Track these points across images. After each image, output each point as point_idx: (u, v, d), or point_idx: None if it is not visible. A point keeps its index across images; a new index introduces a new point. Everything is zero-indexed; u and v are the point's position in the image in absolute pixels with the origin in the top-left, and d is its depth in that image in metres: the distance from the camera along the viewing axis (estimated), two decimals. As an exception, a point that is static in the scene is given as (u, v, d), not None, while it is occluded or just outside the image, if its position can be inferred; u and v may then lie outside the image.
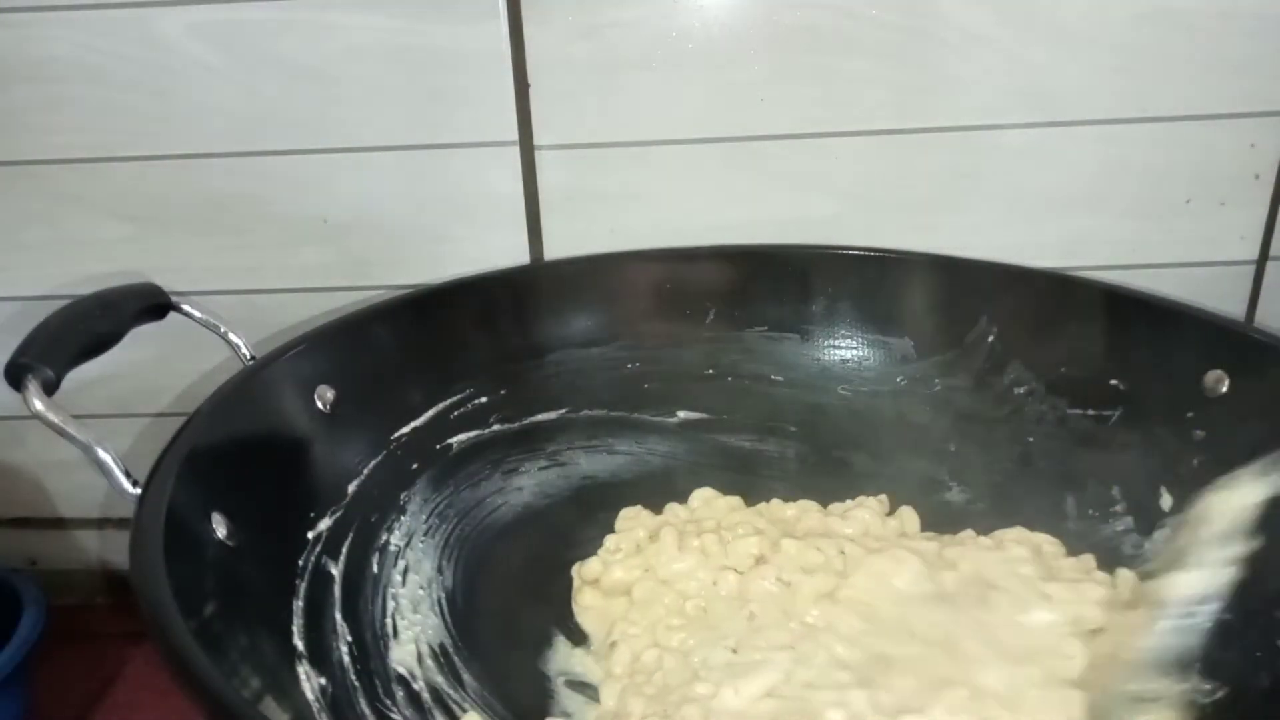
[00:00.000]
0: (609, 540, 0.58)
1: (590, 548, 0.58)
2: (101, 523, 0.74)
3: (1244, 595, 0.46)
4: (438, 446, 0.59)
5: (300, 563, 0.48)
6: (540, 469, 0.61)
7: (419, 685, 0.48)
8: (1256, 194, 0.62)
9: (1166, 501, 0.53)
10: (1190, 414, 0.52)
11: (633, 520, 0.59)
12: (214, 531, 0.43)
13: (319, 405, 0.53)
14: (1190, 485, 0.51)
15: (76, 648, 0.68)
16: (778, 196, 0.64)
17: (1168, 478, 0.53)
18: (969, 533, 0.56)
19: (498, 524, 0.59)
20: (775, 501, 0.60)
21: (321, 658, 0.45)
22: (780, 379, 0.64)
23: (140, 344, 0.51)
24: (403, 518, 0.55)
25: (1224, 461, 0.50)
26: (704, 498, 0.61)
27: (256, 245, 0.65)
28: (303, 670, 0.44)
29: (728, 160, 0.63)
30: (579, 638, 0.54)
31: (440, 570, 0.54)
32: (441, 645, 0.50)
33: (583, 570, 0.56)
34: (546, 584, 0.56)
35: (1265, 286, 0.64)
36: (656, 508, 0.60)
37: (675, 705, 0.46)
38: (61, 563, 0.74)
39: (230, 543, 0.44)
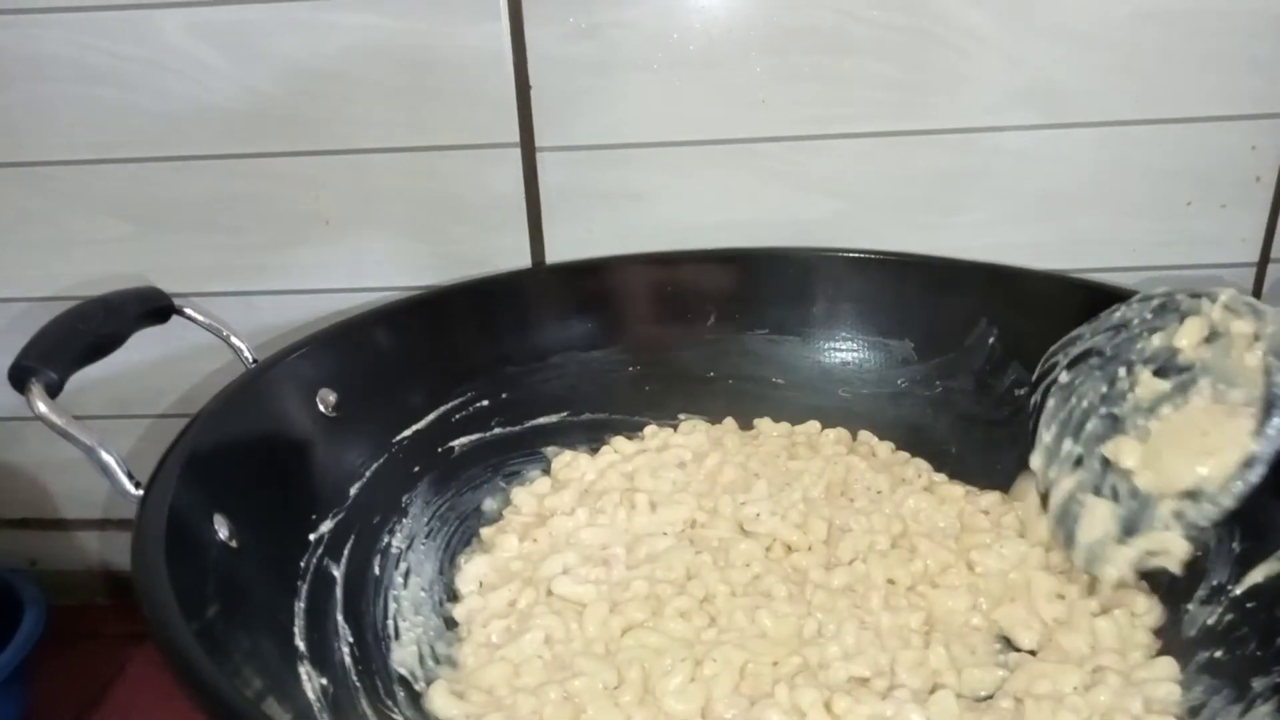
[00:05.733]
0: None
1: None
2: (103, 524, 0.74)
3: (1244, 595, 0.46)
4: (439, 449, 0.59)
5: (302, 564, 0.48)
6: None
7: (420, 686, 0.48)
8: (1257, 196, 0.62)
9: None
10: (1190, 415, 0.52)
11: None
12: (216, 533, 0.44)
13: (321, 408, 0.53)
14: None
15: (76, 648, 0.68)
16: (778, 197, 0.64)
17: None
18: None
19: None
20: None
21: (323, 659, 0.45)
22: (781, 381, 0.64)
23: (143, 345, 0.51)
24: (404, 520, 0.55)
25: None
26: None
27: (257, 246, 0.65)
28: (304, 671, 0.44)
29: (728, 161, 0.63)
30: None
31: (442, 572, 0.54)
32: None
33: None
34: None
35: (1266, 288, 0.64)
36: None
37: None
38: (62, 563, 0.74)
39: (232, 544, 0.44)
